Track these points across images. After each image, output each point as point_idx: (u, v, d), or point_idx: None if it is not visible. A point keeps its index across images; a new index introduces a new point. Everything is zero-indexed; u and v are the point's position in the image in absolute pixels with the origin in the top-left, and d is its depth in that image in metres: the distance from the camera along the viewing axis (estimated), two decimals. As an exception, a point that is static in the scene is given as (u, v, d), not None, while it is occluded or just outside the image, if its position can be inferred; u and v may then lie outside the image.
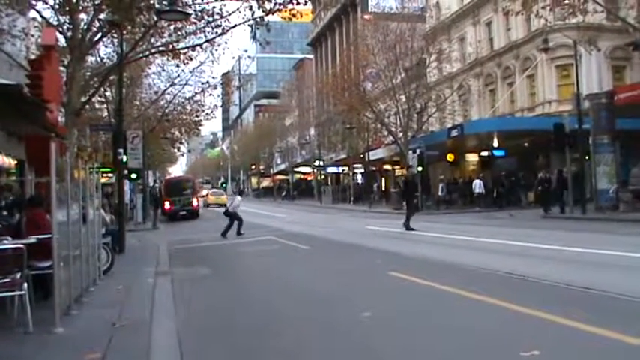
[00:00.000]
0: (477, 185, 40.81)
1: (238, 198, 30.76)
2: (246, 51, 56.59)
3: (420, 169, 41.06)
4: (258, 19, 23.01)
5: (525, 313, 8.63)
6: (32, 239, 9.63)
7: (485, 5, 50.17)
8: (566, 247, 16.54)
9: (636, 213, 26.34)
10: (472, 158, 48.96)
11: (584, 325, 7.63)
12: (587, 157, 30.34)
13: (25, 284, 8.69)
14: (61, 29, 21.21)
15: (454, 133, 40.33)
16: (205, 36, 25.72)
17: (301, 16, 23.42)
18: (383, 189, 64.87)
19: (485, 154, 44.88)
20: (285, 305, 10.76)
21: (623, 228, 22.11)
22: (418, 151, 41.56)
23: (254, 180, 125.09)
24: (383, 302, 10.43)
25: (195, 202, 51.39)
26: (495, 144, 42.07)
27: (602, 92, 32.61)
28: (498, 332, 7.89)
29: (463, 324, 8.49)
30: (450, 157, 45.39)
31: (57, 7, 21.27)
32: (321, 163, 73.69)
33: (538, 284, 11.03)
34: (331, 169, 77.50)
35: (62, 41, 21.57)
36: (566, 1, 28.25)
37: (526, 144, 40.97)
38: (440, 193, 43.51)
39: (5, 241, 9.70)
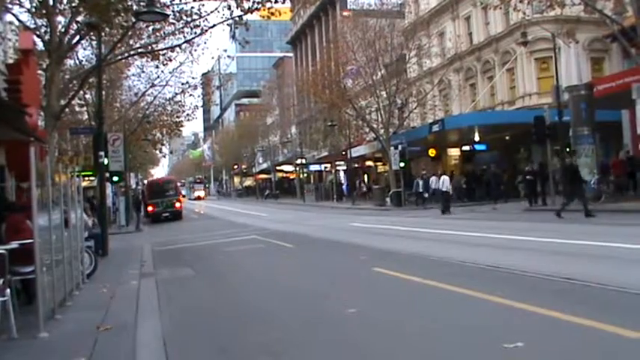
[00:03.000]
0: (434, 182, 41.57)
1: (447, 178, 33.85)
2: (225, 50, 56.34)
3: (402, 164, 41.15)
4: (236, 19, 23.01)
5: (508, 305, 8.66)
6: (14, 244, 9.56)
7: (463, 0, 50.28)
8: (547, 238, 16.60)
9: (617, 203, 26.56)
10: (454, 153, 49.11)
11: (566, 316, 7.67)
12: (567, 149, 30.50)
13: (8, 290, 8.63)
14: (38, 32, 21.13)
15: (435, 128, 40.41)
16: (184, 36, 25.78)
17: (280, 14, 23.46)
18: (366, 185, 65.07)
19: (466, 148, 45.05)
20: (270, 303, 10.75)
21: (604, 218, 22.22)
22: (400, 147, 41.65)
23: (236, 179, 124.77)
24: (368, 298, 10.44)
25: (178, 204, 51.20)
26: (477, 138, 42.21)
27: (582, 84, 32.78)
28: (482, 325, 7.90)
29: (447, 318, 8.52)
30: (432, 152, 45.41)
31: (34, 10, 21.17)
32: (304, 161, 73.69)
33: (521, 276, 11.06)
34: (313, 167, 77.47)
35: (40, 44, 21.48)
36: (544, -6, 28.37)
37: (507, 137, 41.14)
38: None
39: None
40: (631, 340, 6.61)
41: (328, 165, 71.67)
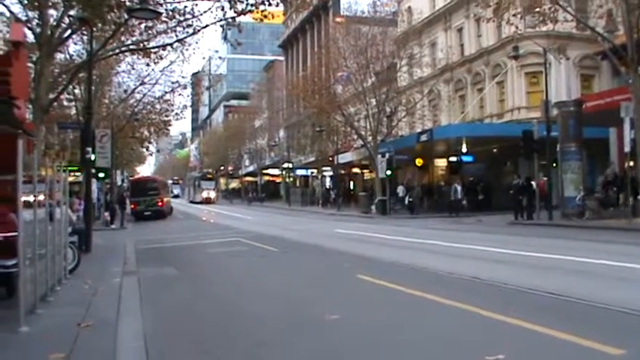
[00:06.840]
0: (401, 190, 41.97)
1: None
2: (217, 51, 56.10)
3: (388, 172, 41.20)
4: (229, 20, 22.96)
5: (491, 317, 8.67)
6: (-4, 237, 9.50)
7: (456, 11, 50.46)
8: (531, 252, 16.62)
9: (601, 220, 26.69)
10: (441, 163, 49.20)
11: (549, 331, 7.68)
12: (554, 165, 30.60)
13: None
14: (29, 25, 20.98)
15: (423, 137, 40.49)
16: (176, 35, 25.71)
17: (273, 17, 23.45)
18: (351, 192, 65.27)
19: (453, 159, 45.15)
20: (252, 307, 10.70)
21: (588, 234, 22.31)
22: (387, 155, 41.70)
23: (222, 181, 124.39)
24: (351, 305, 10.42)
25: (160, 203, 51.04)
26: (464, 149, 42.31)
27: (571, 100, 32.93)
28: (464, 336, 7.91)
29: (429, 328, 8.54)
30: (419, 162, 45.55)
31: (26, 2, 21.04)
32: (290, 166, 73.63)
33: (503, 289, 11.09)
34: (300, 172, 77.40)
35: (31, 37, 21.33)
36: (537, 10, 28.49)
37: (495, 150, 41.26)
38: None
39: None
40: (613, 356, 6.63)
41: (315, 170, 71.67)
